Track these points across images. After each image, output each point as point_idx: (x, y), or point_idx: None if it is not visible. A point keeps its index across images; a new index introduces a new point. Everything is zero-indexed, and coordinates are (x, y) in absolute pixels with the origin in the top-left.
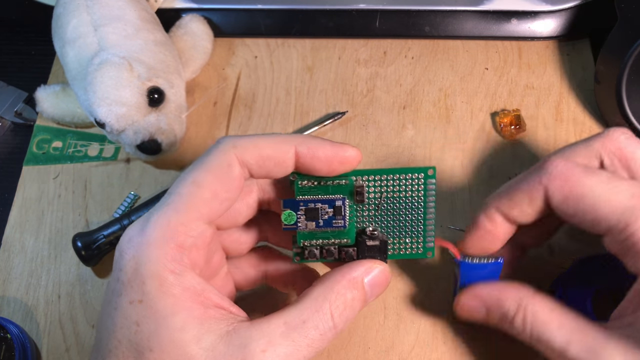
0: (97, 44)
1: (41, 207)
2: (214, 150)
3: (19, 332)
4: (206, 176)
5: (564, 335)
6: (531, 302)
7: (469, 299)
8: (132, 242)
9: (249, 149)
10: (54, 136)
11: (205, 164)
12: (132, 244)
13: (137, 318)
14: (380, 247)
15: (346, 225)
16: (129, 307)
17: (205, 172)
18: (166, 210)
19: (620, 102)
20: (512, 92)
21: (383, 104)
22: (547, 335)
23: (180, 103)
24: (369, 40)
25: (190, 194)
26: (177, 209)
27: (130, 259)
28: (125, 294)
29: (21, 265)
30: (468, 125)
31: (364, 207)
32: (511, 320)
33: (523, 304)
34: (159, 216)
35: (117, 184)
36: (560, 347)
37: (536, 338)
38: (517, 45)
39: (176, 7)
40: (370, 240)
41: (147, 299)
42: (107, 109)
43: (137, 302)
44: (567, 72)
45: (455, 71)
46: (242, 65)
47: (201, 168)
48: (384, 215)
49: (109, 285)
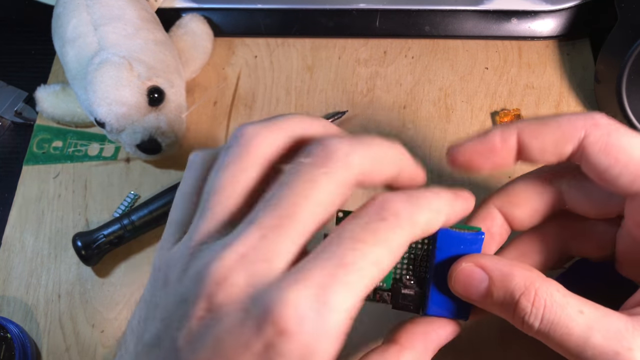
0: (97, 44)
1: (41, 206)
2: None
3: (19, 331)
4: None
5: (585, 322)
6: (544, 284)
7: (469, 267)
8: (307, 324)
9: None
10: (54, 136)
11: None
12: (306, 326)
13: None
14: (413, 297)
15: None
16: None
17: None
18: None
19: (621, 101)
20: (512, 92)
21: (383, 103)
22: (565, 323)
23: (180, 103)
24: (369, 40)
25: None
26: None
27: (299, 345)
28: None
29: (21, 264)
30: (468, 125)
31: (407, 257)
32: (517, 301)
33: (536, 283)
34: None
35: (117, 183)
36: (580, 335)
37: (548, 325)
38: (517, 44)
39: (176, 6)
40: (405, 289)
41: None
42: (107, 109)
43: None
44: (567, 71)
45: (455, 71)
46: (242, 64)
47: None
48: (423, 267)
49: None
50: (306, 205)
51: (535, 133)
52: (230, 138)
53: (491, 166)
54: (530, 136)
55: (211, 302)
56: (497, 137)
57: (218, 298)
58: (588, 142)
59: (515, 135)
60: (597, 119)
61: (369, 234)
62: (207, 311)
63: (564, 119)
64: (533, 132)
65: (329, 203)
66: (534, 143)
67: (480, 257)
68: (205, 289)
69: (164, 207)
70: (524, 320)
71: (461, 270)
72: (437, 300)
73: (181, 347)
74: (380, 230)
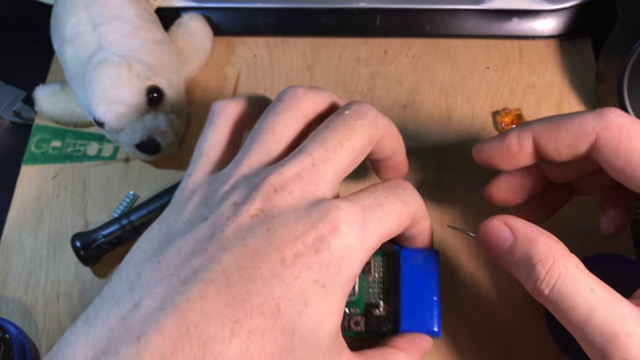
0: (96, 43)
1: (40, 206)
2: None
3: (18, 332)
4: None
5: (592, 301)
6: (564, 256)
7: (499, 225)
8: (354, 230)
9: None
10: (53, 135)
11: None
12: (353, 231)
13: (310, 300)
14: (386, 318)
15: (355, 294)
16: (311, 286)
17: None
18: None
19: (622, 101)
20: (513, 91)
21: (383, 103)
22: (573, 296)
23: (179, 102)
24: (369, 39)
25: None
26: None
27: (345, 244)
28: (315, 270)
29: (20, 265)
30: (469, 125)
31: (375, 281)
32: (534, 266)
33: (555, 255)
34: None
35: (116, 183)
36: (584, 311)
37: (558, 295)
38: (518, 44)
39: (175, 5)
40: (377, 310)
41: (330, 296)
42: (106, 108)
43: (319, 286)
44: (568, 71)
45: (456, 70)
46: (242, 64)
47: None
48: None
49: (291, 224)
50: (346, 146)
51: (549, 136)
52: (280, 93)
53: (511, 166)
54: (545, 139)
55: (267, 203)
56: (514, 141)
57: (274, 201)
58: (600, 145)
59: (530, 138)
60: (608, 119)
61: (397, 193)
62: (261, 210)
63: (575, 120)
64: (547, 135)
65: (359, 150)
66: (550, 145)
67: (512, 219)
68: (262, 192)
69: (164, 208)
70: (536, 285)
71: (491, 225)
72: (409, 316)
73: (227, 236)
74: (404, 195)
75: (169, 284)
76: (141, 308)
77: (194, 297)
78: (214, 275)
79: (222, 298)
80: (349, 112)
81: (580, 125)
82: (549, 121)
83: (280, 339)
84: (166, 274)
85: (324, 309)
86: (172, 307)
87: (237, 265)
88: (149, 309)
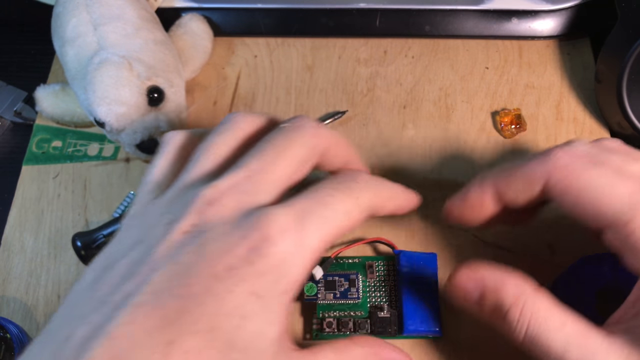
0: (97, 43)
1: (41, 206)
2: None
3: (19, 331)
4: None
5: (564, 338)
6: (532, 296)
7: (466, 275)
8: (288, 235)
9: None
10: (54, 135)
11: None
12: (287, 237)
13: (247, 313)
14: (390, 320)
15: (359, 297)
16: (247, 299)
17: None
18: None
19: (621, 101)
20: (512, 92)
21: (383, 103)
22: (546, 336)
23: (180, 102)
24: (369, 40)
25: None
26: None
27: (279, 251)
28: (251, 282)
29: (21, 264)
30: (468, 125)
31: (378, 284)
32: (506, 313)
33: (523, 297)
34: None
35: (117, 183)
36: (558, 350)
37: (532, 337)
38: (518, 44)
39: (176, 6)
40: (382, 313)
41: (269, 305)
42: (107, 108)
43: (255, 297)
44: (567, 71)
45: (455, 70)
46: (242, 64)
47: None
48: (395, 292)
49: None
50: (284, 156)
51: (505, 185)
52: (222, 121)
53: (479, 220)
54: (502, 189)
55: (200, 217)
56: (474, 195)
57: (207, 215)
58: (550, 187)
59: (489, 191)
60: (554, 161)
61: (344, 188)
62: (194, 226)
63: (525, 167)
64: (503, 185)
65: (300, 159)
66: (507, 194)
67: (477, 266)
68: (195, 207)
69: None
70: (510, 331)
71: (457, 281)
72: (411, 319)
73: (159, 256)
74: (353, 188)
75: (102, 312)
76: (73, 340)
77: (124, 322)
78: (144, 297)
79: (152, 320)
80: (288, 125)
81: (530, 171)
82: (502, 171)
83: (218, 356)
84: (100, 301)
85: (264, 319)
86: (103, 335)
87: (168, 284)
88: (80, 340)
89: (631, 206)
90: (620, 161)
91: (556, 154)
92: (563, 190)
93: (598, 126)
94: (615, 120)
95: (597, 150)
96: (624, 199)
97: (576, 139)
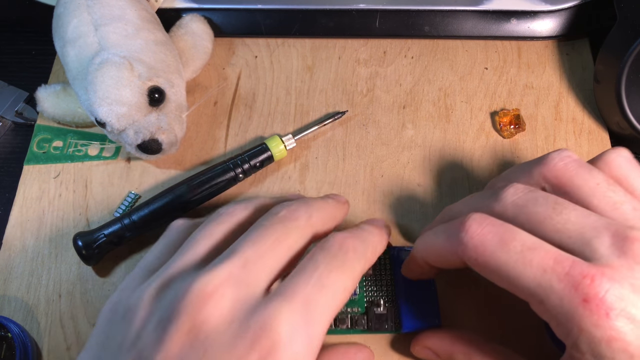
0: (98, 44)
1: (42, 206)
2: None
3: (20, 331)
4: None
5: None
6: (480, 354)
7: (420, 350)
8: (297, 335)
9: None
10: (55, 136)
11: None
12: (297, 337)
13: None
14: (387, 316)
15: (356, 293)
16: None
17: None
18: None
19: (620, 101)
20: (511, 92)
21: (383, 103)
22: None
23: (180, 103)
24: (368, 40)
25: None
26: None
27: (291, 353)
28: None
29: (22, 264)
30: (468, 125)
31: (375, 280)
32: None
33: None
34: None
35: (118, 183)
36: None
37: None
38: (517, 45)
39: (176, 7)
40: (378, 309)
41: None
42: (108, 109)
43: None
44: (566, 71)
45: (454, 71)
46: (242, 65)
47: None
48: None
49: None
50: (283, 246)
51: (433, 261)
52: (215, 213)
53: (430, 276)
54: (432, 262)
55: (195, 318)
56: (413, 265)
57: (204, 314)
58: (465, 260)
59: (421, 261)
60: (468, 241)
61: (339, 263)
62: (189, 331)
63: (441, 246)
64: (431, 260)
65: (295, 251)
66: (436, 264)
67: (427, 339)
68: (188, 305)
69: (165, 207)
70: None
71: (418, 351)
72: (409, 314)
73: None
74: (347, 260)
75: None
76: None
77: None
78: None
79: None
80: (285, 213)
81: (446, 250)
82: (424, 244)
83: None
84: None
85: None
86: None
87: None
88: None
89: (540, 288)
90: (529, 233)
91: (467, 229)
92: (479, 269)
93: (597, 126)
94: (614, 120)
95: (513, 211)
96: (534, 282)
97: (503, 186)
